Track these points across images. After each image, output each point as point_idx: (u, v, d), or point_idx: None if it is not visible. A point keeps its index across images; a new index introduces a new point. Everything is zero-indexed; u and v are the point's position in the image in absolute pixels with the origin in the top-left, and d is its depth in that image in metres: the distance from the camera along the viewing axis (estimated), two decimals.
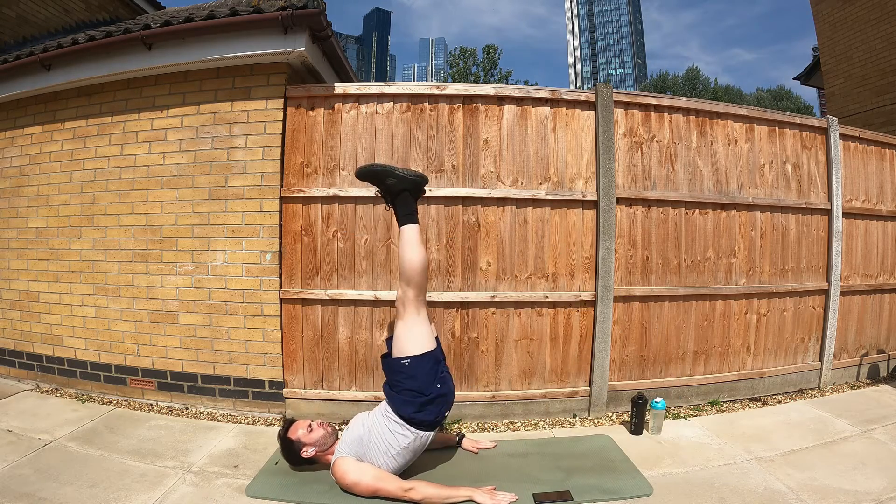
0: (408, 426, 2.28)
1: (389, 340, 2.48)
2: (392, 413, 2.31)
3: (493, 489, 2.26)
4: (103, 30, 3.45)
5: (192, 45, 3.11)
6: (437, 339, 2.54)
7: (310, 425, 2.43)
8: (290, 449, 2.41)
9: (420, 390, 2.29)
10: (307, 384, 3.23)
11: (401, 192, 2.45)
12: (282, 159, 3.16)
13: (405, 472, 2.35)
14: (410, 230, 2.43)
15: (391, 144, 3.18)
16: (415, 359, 2.32)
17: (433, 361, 2.37)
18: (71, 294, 3.52)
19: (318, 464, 2.44)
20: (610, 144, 3.24)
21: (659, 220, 3.38)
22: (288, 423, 2.49)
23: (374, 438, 2.29)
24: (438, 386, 2.33)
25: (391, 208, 2.53)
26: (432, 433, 2.36)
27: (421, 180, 2.50)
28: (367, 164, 2.54)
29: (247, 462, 2.61)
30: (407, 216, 2.45)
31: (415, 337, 2.36)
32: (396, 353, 2.37)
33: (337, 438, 2.46)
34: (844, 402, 3.49)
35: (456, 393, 3.20)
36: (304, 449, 2.38)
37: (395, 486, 2.18)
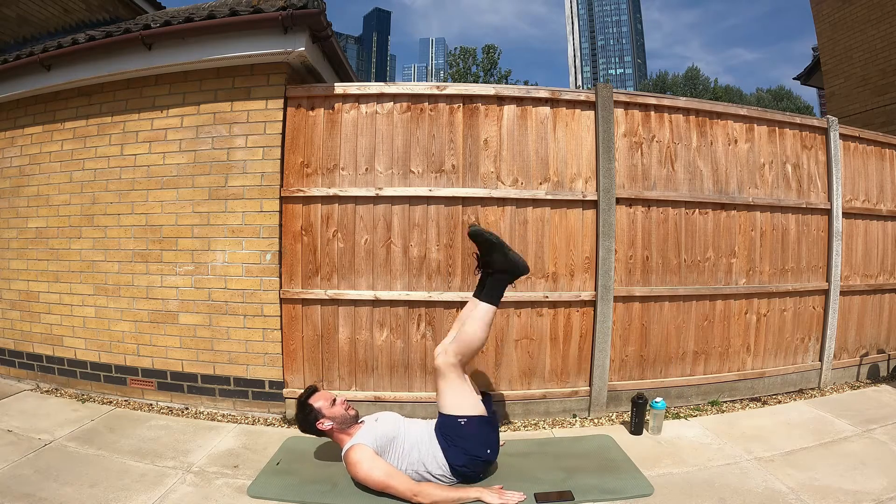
0: (447, 468, 2.29)
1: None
2: (439, 450, 2.30)
3: (501, 488, 2.27)
4: (103, 30, 3.45)
5: (192, 45, 3.11)
6: (489, 399, 2.57)
7: (334, 400, 2.43)
8: (306, 414, 2.39)
9: (471, 450, 2.29)
10: (307, 384, 3.21)
11: (501, 273, 2.48)
12: (282, 159, 3.16)
13: None
14: (490, 311, 2.48)
15: (391, 144, 3.18)
16: (470, 419, 2.33)
17: (489, 425, 2.39)
18: (71, 294, 3.52)
19: (329, 439, 2.43)
20: (610, 144, 3.24)
21: (659, 220, 3.38)
22: (312, 390, 2.48)
23: (407, 449, 2.30)
24: (489, 452, 2.35)
25: (480, 274, 2.57)
26: (457, 481, 2.33)
27: (523, 269, 2.52)
28: (484, 231, 2.50)
29: (247, 462, 2.61)
30: (494, 296, 2.49)
31: (462, 399, 2.37)
32: (450, 411, 2.36)
33: (357, 423, 2.44)
34: (844, 402, 3.49)
35: None
36: (322, 420, 2.36)
37: (405, 486, 2.17)
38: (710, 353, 3.52)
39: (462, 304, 3.18)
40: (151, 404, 3.36)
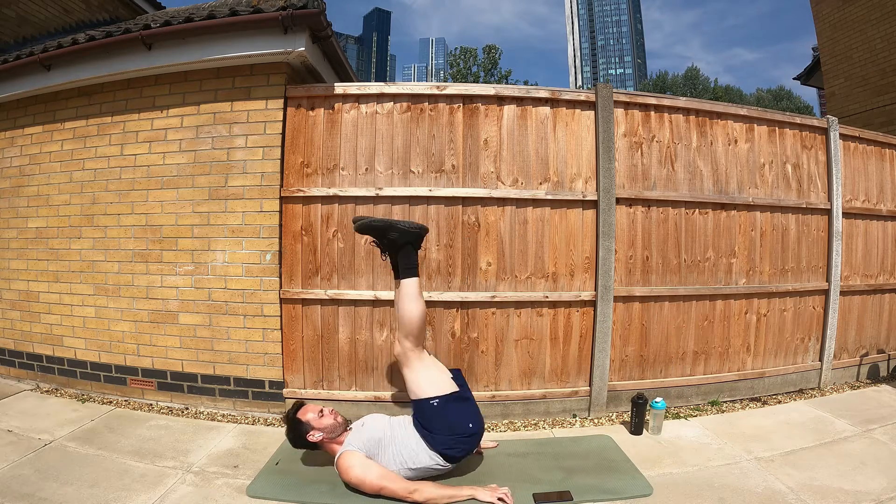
0: (438, 457, 2.29)
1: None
2: (423, 442, 2.30)
3: (495, 487, 2.27)
4: (103, 30, 3.45)
5: (192, 45, 3.11)
6: (457, 371, 2.58)
7: (321, 411, 2.43)
8: (297, 430, 2.40)
9: (453, 429, 2.30)
10: (307, 384, 3.23)
11: (404, 245, 2.47)
12: (282, 159, 3.16)
13: None
14: (412, 284, 2.47)
15: (391, 144, 3.18)
16: (441, 399, 2.34)
17: (462, 400, 2.40)
18: (71, 294, 3.52)
19: (320, 450, 2.43)
20: (610, 144, 3.24)
21: (659, 219, 3.38)
22: (299, 405, 2.48)
23: (396, 449, 2.30)
24: (471, 426, 2.35)
25: (387, 259, 2.56)
26: (452, 466, 2.35)
27: (423, 231, 2.52)
28: (366, 219, 2.52)
29: (247, 462, 2.61)
30: (408, 269, 2.48)
31: (429, 381, 2.39)
32: (421, 395, 2.38)
33: (346, 430, 2.45)
34: (844, 401, 3.49)
35: None
36: (312, 433, 2.37)
37: (399, 486, 2.18)
38: (710, 353, 3.52)
39: (462, 304, 3.19)
40: (151, 404, 3.36)
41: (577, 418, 3.29)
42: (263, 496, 2.27)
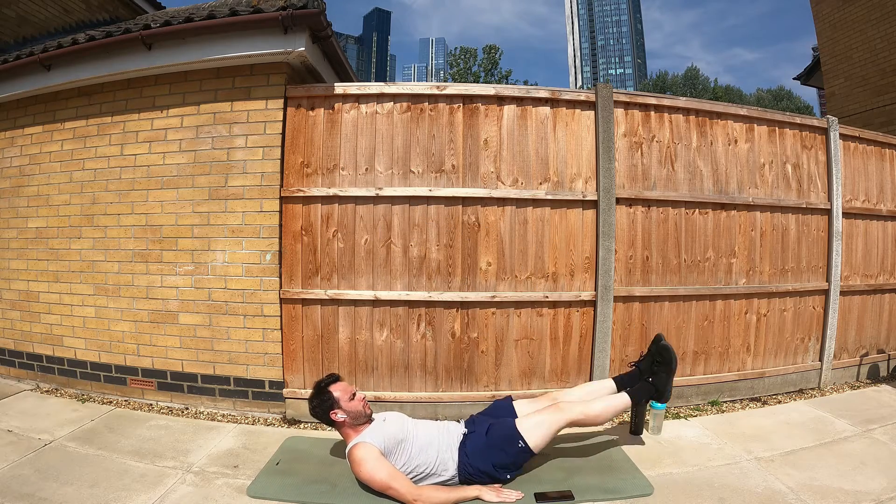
0: (457, 477, 2.30)
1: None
2: (457, 462, 2.31)
3: (500, 486, 2.27)
4: (103, 30, 3.45)
5: (192, 45, 3.11)
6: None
7: (354, 393, 2.42)
8: (322, 401, 2.38)
9: (500, 465, 2.30)
10: (307, 384, 3.22)
11: (650, 386, 2.66)
12: (282, 159, 3.16)
13: None
14: (625, 406, 2.62)
15: (391, 144, 3.18)
16: (526, 450, 2.33)
17: (523, 461, 2.39)
18: (71, 294, 3.51)
19: (335, 430, 2.44)
20: (610, 144, 3.24)
21: (659, 220, 3.38)
22: (335, 378, 2.47)
23: (417, 452, 2.30)
24: (508, 477, 2.34)
25: (635, 369, 2.72)
26: (460, 480, 2.34)
27: (665, 399, 2.68)
28: (674, 353, 2.64)
29: (247, 462, 2.61)
30: (635, 399, 2.63)
31: (544, 437, 2.37)
32: (523, 430, 2.35)
33: (368, 422, 2.43)
34: (844, 401, 3.49)
35: (456, 393, 3.23)
36: (336, 411, 2.36)
37: (406, 489, 2.16)
38: (710, 353, 3.52)
39: (462, 304, 3.19)
40: (151, 404, 3.36)
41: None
42: (264, 496, 2.27)
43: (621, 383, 2.67)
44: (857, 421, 3.10)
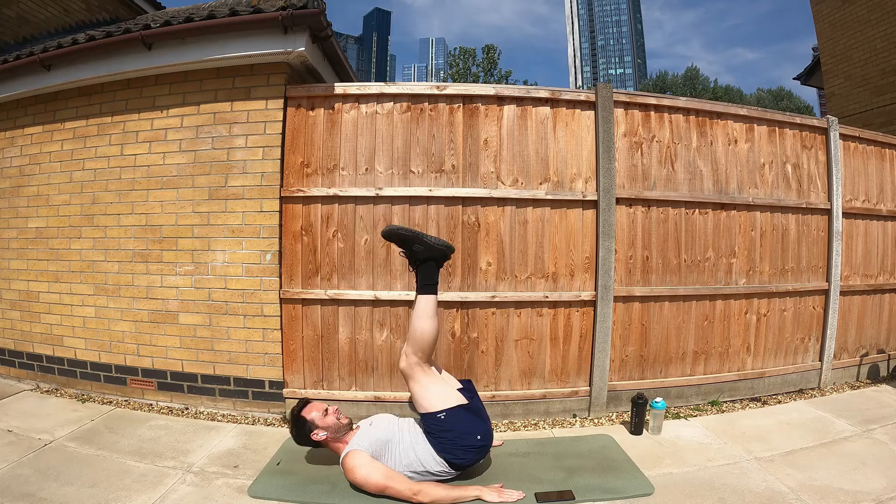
0: (445, 464, 2.28)
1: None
2: (432, 449, 2.29)
3: (501, 487, 2.27)
4: (103, 30, 3.44)
5: (192, 45, 3.11)
6: (467, 383, 2.55)
7: (326, 409, 2.43)
8: (300, 427, 2.40)
9: (459, 441, 2.28)
10: (307, 384, 3.23)
11: (426, 260, 2.43)
12: (282, 159, 3.16)
13: None
14: (428, 301, 2.41)
15: (391, 144, 3.18)
16: (448, 412, 2.31)
17: (470, 412, 2.36)
18: (71, 294, 3.51)
19: (324, 449, 2.43)
20: (610, 144, 3.24)
21: (659, 219, 3.38)
22: (304, 402, 2.48)
23: (403, 451, 2.30)
24: (479, 438, 2.33)
25: (413, 272, 2.52)
26: (458, 472, 2.34)
27: (448, 251, 2.48)
28: (395, 227, 2.49)
29: (247, 462, 2.61)
30: (427, 286, 2.43)
31: (436, 395, 2.35)
32: (428, 409, 2.34)
33: (351, 429, 2.44)
34: (844, 402, 3.49)
35: None
36: (316, 431, 2.37)
37: (404, 486, 2.18)
38: (710, 353, 3.52)
39: (462, 304, 3.19)
40: (151, 404, 3.36)
41: (577, 418, 3.29)
42: (265, 496, 2.27)
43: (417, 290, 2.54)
44: (857, 421, 3.10)
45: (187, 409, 3.30)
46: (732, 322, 3.55)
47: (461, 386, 2.51)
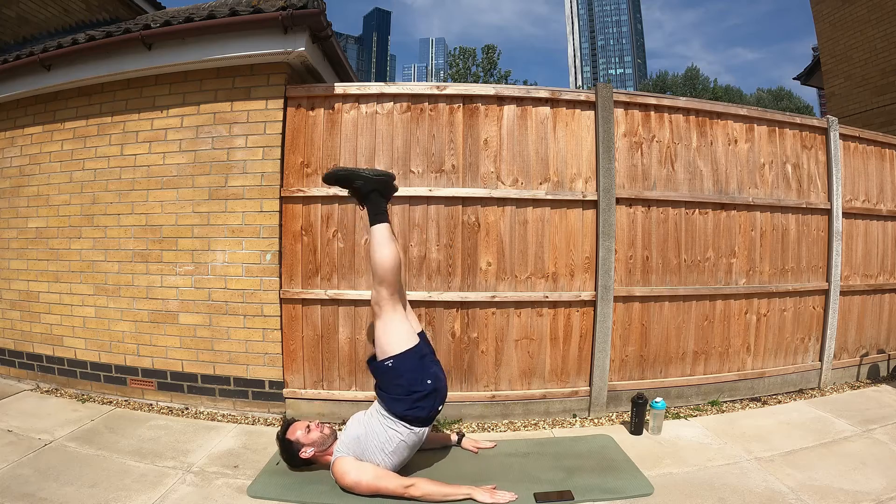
0: (402, 423, 2.29)
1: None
2: (386, 412, 2.32)
3: (494, 488, 2.27)
4: (103, 30, 3.45)
5: (192, 45, 3.11)
6: (421, 332, 2.53)
7: (308, 426, 2.44)
8: (288, 450, 2.41)
9: (409, 388, 2.29)
10: (307, 384, 3.23)
11: (369, 193, 2.43)
12: (282, 159, 3.16)
13: (404, 470, 2.36)
14: (380, 229, 2.40)
15: (391, 144, 3.18)
16: (397, 358, 2.31)
17: (417, 357, 2.36)
18: (71, 294, 3.51)
19: (316, 464, 2.44)
20: (610, 144, 3.24)
21: (659, 219, 3.38)
22: (287, 425, 2.49)
23: (371, 437, 2.30)
24: (429, 382, 2.33)
25: (364, 211, 2.52)
26: (427, 428, 2.37)
27: (388, 178, 2.47)
28: (333, 169, 2.51)
29: (247, 462, 2.61)
30: (376, 216, 2.42)
31: (394, 336, 2.34)
32: (380, 356, 2.36)
33: (335, 439, 2.46)
34: (844, 402, 3.49)
35: (456, 393, 3.22)
36: (303, 450, 2.38)
37: (395, 483, 2.19)
38: (710, 353, 3.52)
39: (462, 304, 3.19)
40: (151, 404, 3.36)
41: (577, 418, 3.29)
42: (264, 496, 2.27)
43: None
44: (857, 421, 3.10)
45: (187, 409, 3.30)
46: (732, 322, 3.55)
47: (418, 332, 2.49)
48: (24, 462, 2.50)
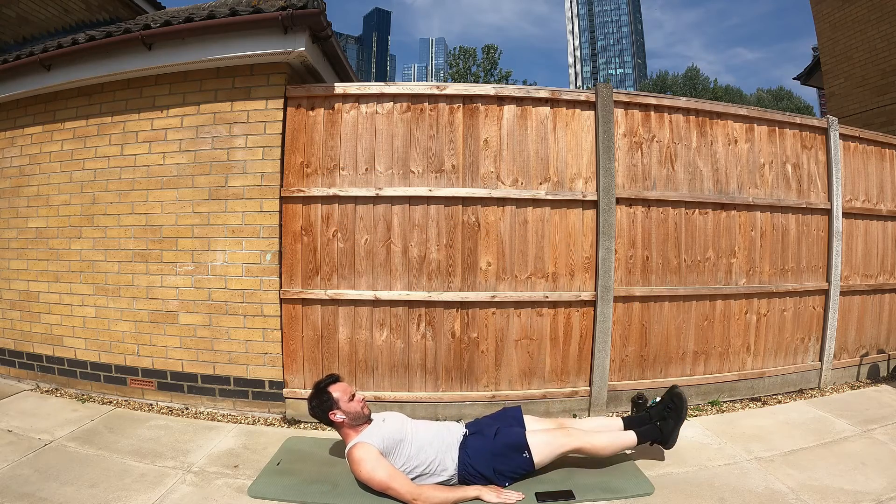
0: (457, 478, 2.30)
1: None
2: (456, 463, 2.32)
3: (500, 488, 2.27)
4: (103, 30, 3.44)
5: (192, 45, 3.11)
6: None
7: (353, 395, 2.43)
8: (321, 402, 2.39)
9: (500, 471, 2.31)
10: (307, 384, 3.22)
11: (656, 432, 2.58)
12: (282, 159, 3.16)
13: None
14: (630, 443, 2.54)
15: (391, 144, 3.18)
16: (529, 461, 2.34)
17: (525, 470, 2.37)
18: (71, 294, 3.51)
19: (335, 430, 2.45)
20: (610, 144, 3.24)
21: (659, 219, 3.38)
22: (334, 378, 2.48)
23: (416, 452, 2.30)
24: (506, 484, 2.33)
25: (640, 412, 2.74)
26: (458, 483, 2.35)
27: (668, 446, 2.58)
28: (686, 400, 2.62)
29: (247, 462, 2.61)
30: (642, 439, 2.55)
31: (550, 454, 2.40)
32: (532, 442, 2.37)
33: (367, 422, 2.43)
34: (844, 402, 3.49)
35: (456, 393, 3.23)
36: (335, 412, 2.37)
37: (405, 489, 2.17)
38: (710, 353, 3.52)
39: (462, 304, 3.19)
40: (151, 404, 3.36)
41: (578, 418, 3.29)
42: (264, 496, 2.27)
43: (629, 423, 2.64)
44: (857, 421, 3.10)
45: (187, 409, 3.30)
46: (732, 322, 3.55)
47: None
48: (23, 462, 2.50)
